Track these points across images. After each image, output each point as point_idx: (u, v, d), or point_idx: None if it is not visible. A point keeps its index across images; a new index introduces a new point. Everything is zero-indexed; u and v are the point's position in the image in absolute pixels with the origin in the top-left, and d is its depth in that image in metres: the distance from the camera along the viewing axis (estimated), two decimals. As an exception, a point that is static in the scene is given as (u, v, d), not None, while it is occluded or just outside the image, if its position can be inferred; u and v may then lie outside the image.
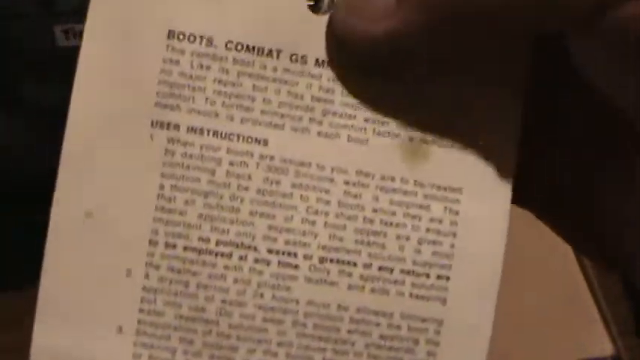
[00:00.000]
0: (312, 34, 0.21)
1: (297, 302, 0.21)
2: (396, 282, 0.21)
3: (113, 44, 0.21)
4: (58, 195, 0.21)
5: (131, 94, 0.21)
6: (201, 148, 0.21)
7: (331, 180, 0.21)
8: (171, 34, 0.20)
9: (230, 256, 0.20)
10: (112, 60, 0.21)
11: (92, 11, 0.21)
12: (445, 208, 0.21)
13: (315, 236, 0.21)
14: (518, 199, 0.24)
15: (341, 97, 0.21)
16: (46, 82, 0.58)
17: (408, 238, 0.21)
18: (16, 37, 0.63)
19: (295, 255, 0.21)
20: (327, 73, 0.21)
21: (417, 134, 0.21)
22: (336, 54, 0.21)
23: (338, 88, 0.21)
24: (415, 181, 0.21)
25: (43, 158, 0.56)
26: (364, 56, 0.20)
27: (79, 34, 0.65)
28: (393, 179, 0.21)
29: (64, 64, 0.68)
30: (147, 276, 0.21)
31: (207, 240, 0.21)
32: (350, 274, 0.21)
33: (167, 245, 0.21)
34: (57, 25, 0.64)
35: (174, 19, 0.20)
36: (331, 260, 0.21)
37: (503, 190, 0.22)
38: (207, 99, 0.20)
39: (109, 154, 0.21)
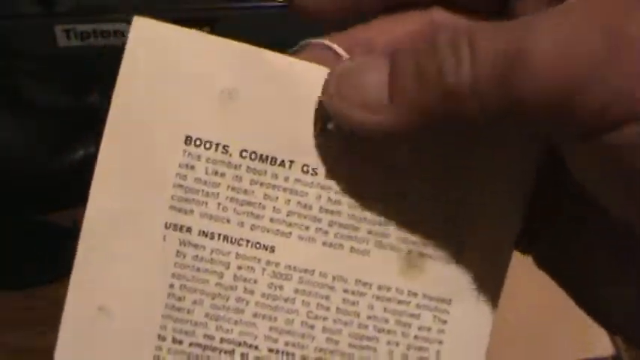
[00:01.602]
0: (325, 147, 0.21)
1: None
2: None
3: (132, 145, 0.21)
4: (72, 289, 0.21)
5: (147, 195, 0.21)
6: (211, 251, 0.21)
7: (332, 288, 0.22)
8: (188, 140, 0.21)
9: (232, 353, 0.22)
10: (130, 161, 0.21)
11: (113, 111, 0.22)
12: (434, 317, 0.22)
13: (313, 339, 0.22)
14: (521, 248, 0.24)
15: (348, 210, 0.22)
16: (46, 82, 0.58)
17: (397, 344, 0.22)
18: (16, 37, 0.63)
19: (293, 355, 0.22)
20: (337, 186, 0.22)
21: (415, 247, 0.22)
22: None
23: (345, 200, 0.22)
24: (409, 291, 0.22)
25: (43, 158, 0.56)
26: (358, 136, 0.20)
27: (80, 34, 0.65)
28: (389, 289, 0.22)
29: (65, 64, 0.68)
30: None
31: (212, 337, 0.22)
32: None
33: (174, 340, 0.21)
34: (57, 25, 0.64)
35: (192, 125, 0.21)
36: None
37: (490, 302, 0.23)
38: (219, 204, 0.21)
39: (122, 252, 0.21)
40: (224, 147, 0.21)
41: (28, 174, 0.53)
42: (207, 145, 0.21)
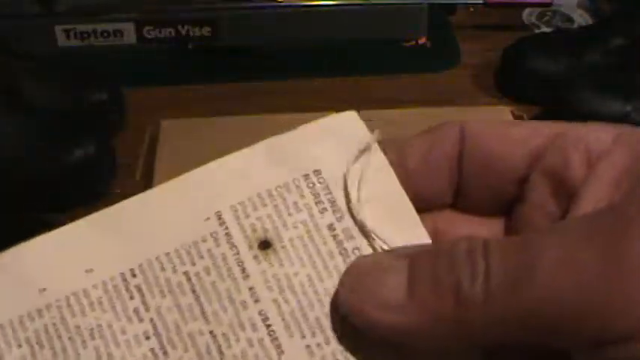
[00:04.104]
0: None
1: None
2: None
3: None
4: None
5: None
6: None
7: None
8: None
9: None
10: None
11: None
12: None
13: None
14: None
15: None
16: (46, 82, 0.58)
17: None
18: (16, 37, 0.63)
19: None
20: None
21: None
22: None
23: None
24: None
25: (42, 158, 0.56)
26: (367, 333, 0.20)
27: (80, 34, 0.65)
28: None
29: (65, 64, 0.68)
30: None
31: None
32: None
33: None
34: (57, 25, 0.64)
35: None
36: None
37: None
38: None
39: None
40: None
41: (28, 174, 0.53)
42: None
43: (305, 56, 0.67)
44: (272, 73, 0.66)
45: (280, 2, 0.65)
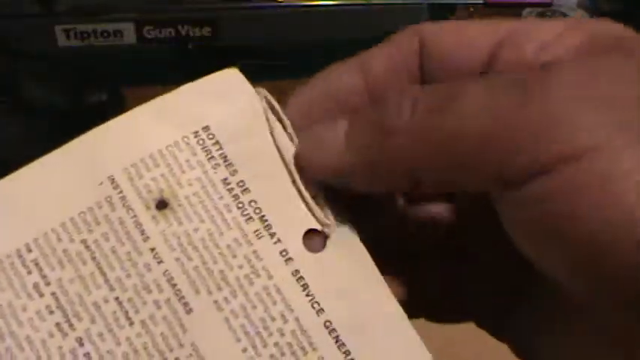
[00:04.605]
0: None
1: None
2: None
3: None
4: None
5: None
6: None
7: None
8: None
9: None
10: None
11: None
12: None
13: None
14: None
15: None
16: (46, 82, 0.59)
17: None
18: (16, 37, 0.63)
19: None
20: None
21: None
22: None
23: None
24: None
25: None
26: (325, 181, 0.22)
27: (80, 34, 0.65)
28: None
29: (65, 64, 0.68)
30: None
31: None
32: None
33: None
34: (57, 25, 0.64)
35: None
36: None
37: None
38: None
39: None
40: None
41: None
42: None
43: (305, 56, 0.67)
44: (272, 73, 0.66)
45: (280, 2, 0.65)
